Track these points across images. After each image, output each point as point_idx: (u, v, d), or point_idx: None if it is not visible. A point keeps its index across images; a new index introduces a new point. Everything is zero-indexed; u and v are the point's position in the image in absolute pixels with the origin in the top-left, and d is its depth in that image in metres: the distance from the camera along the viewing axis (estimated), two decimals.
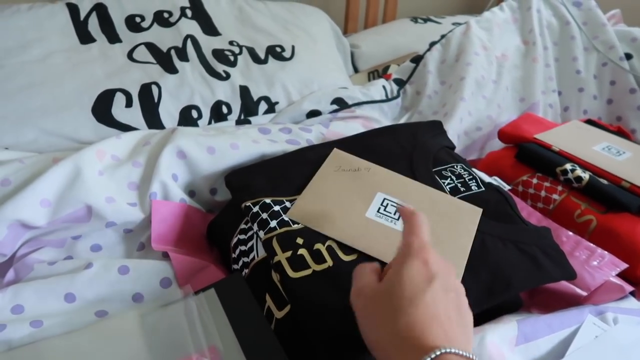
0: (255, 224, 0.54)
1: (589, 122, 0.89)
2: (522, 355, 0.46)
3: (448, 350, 0.33)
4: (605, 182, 0.70)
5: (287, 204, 0.56)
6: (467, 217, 0.56)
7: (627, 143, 0.79)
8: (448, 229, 0.54)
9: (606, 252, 0.60)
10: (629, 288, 0.57)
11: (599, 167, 0.72)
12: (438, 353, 0.32)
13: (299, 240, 0.51)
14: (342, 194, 0.58)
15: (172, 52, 0.86)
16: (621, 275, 0.60)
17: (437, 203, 0.57)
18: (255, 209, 0.55)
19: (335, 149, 0.65)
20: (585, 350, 0.46)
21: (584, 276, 0.58)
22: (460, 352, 0.33)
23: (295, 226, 0.53)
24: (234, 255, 0.57)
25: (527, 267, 0.52)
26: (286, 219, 0.53)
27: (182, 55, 0.85)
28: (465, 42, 1.01)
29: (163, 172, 0.61)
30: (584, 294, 0.56)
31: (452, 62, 1.00)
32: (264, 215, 0.54)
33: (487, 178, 0.64)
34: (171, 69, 0.83)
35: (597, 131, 0.83)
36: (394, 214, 0.55)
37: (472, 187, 0.62)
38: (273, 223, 0.53)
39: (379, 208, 0.56)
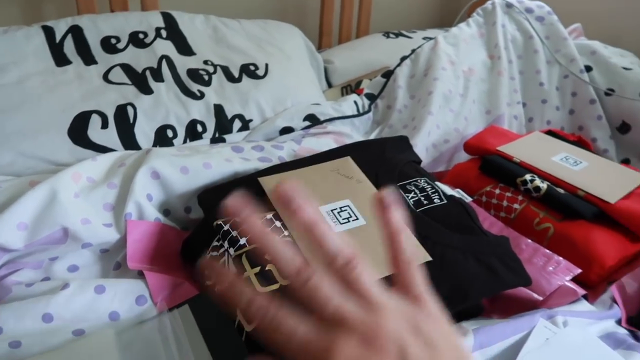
0: (226, 242, 0.56)
1: (550, 133, 0.93)
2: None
3: None
4: (562, 191, 0.73)
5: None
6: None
7: (585, 153, 0.83)
8: (384, 255, 0.56)
9: (562, 259, 0.64)
10: (581, 292, 0.60)
11: (556, 177, 0.76)
12: None
13: (268, 257, 0.54)
14: (318, 186, 0.63)
15: (147, 72, 0.88)
16: (576, 279, 0.63)
17: None
18: (226, 227, 0.58)
19: (349, 157, 0.70)
20: (536, 352, 0.49)
21: (541, 281, 0.61)
22: None
23: None
24: (206, 272, 0.59)
25: (484, 277, 0.55)
26: None
27: (157, 76, 0.88)
28: (433, 57, 1.05)
29: (138, 192, 0.63)
30: (540, 298, 0.60)
31: (421, 77, 1.03)
32: (234, 233, 0.56)
33: (449, 191, 0.67)
34: (146, 90, 0.85)
35: (556, 142, 0.87)
36: (343, 219, 0.59)
37: (435, 200, 0.65)
38: (242, 240, 0.55)
39: (335, 209, 0.60)
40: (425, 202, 0.64)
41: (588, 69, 1.06)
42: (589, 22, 1.24)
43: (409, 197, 0.65)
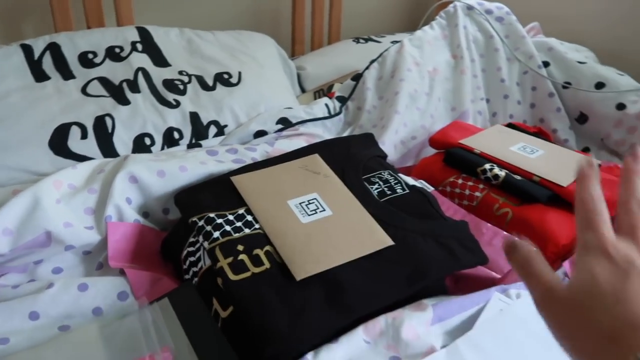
0: (201, 236, 0.60)
1: (510, 125, 0.98)
2: (436, 332, 0.53)
3: None
4: (519, 178, 0.78)
5: (230, 216, 0.62)
6: (374, 240, 0.60)
7: (542, 142, 0.89)
8: (350, 242, 0.59)
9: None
10: None
11: (514, 165, 0.81)
12: None
13: (240, 247, 0.58)
14: (287, 182, 0.68)
15: (124, 84, 0.92)
16: None
17: (356, 220, 0.63)
18: (201, 222, 0.61)
19: (317, 154, 0.74)
20: (491, 322, 0.54)
21: (499, 261, 0.66)
22: None
23: (236, 235, 0.59)
24: (184, 267, 0.63)
25: (443, 257, 0.60)
26: (228, 229, 0.60)
27: (134, 87, 0.91)
28: (399, 59, 1.10)
29: (117, 196, 0.67)
30: (499, 276, 0.64)
31: (388, 78, 1.08)
32: (208, 228, 0.60)
33: (411, 181, 0.72)
34: (123, 101, 0.88)
35: (515, 133, 0.92)
36: (310, 211, 0.63)
37: (398, 190, 0.69)
38: (216, 234, 0.59)
39: (303, 202, 0.64)
40: (388, 192, 0.69)
41: (546, 64, 1.12)
42: (546, 20, 1.31)
43: (373, 189, 0.69)
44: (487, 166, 0.80)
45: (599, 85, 1.06)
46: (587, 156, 0.40)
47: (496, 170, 0.79)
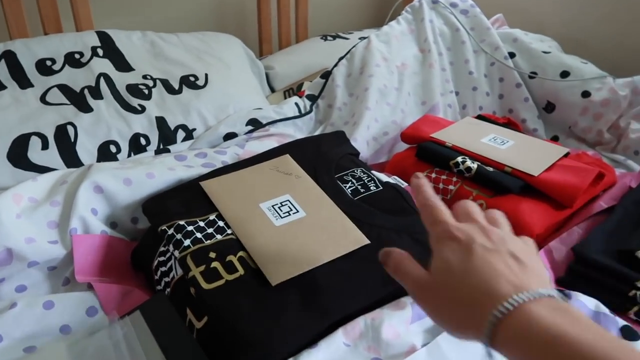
0: (171, 245, 0.58)
1: (480, 117, 0.99)
2: (416, 330, 0.52)
3: (517, 298, 0.32)
4: (491, 169, 0.79)
5: (200, 223, 0.60)
6: (349, 239, 0.59)
7: (512, 133, 0.89)
8: (325, 243, 0.58)
9: None
10: None
11: (485, 156, 0.81)
12: (511, 304, 0.32)
13: (212, 255, 0.56)
14: (259, 184, 0.66)
15: (86, 91, 0.88)
16: None
17: (330, 220, 0.62)
18: (170, 231, 0.59)
19: (287, 155, 0.72)
20: None
21: None
22: (532, 296, 0.32)
23: (208, 242, 0.58)
24: (156, 277, 0.61)
25: (419, 253, 0.59)
26: (199, 236, 0.58)
27: (96, 94, 0.88)
28: (367, 55, 1.09)
29: (81, 207, 0.64)
30: None
31: (357, 75, 1.08)
32: (179, 236, 0.58)
33: (385, 178, 0.71)
34: (85, 108, 0.85)
35: (486, 125, 0.92)
36: (284, 213, 0.62)
37: (371, 188, 0.69)
38: (187, 242, 0.57)
39: (276, 204, 0.63)
40: (362, 190, 0.68)
41: (512, 55, 1.13)
42: (509, 12, 1.32)
43: (347, 187, 0.68)
44: (459, 159, 0.80)
45: (564, 74, 1.07)
46: (416, 172, 0.48)
47: (468, 162, 0.79)
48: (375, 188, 0.69)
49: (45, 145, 0.79)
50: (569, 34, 1.29)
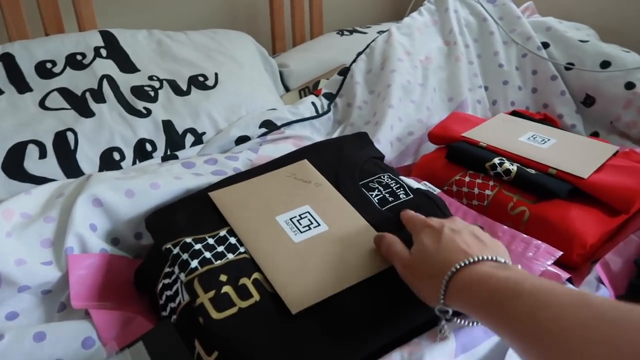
0: (177, 267, 0.51)
1: (514, 113, 0.90)
2: None
3: (470, 260, 0.41)
4: (533, 171, 0.70)
5: (210, 240, 0.53)
6: (378, 257, 0.52)
7: (552, 130, 0.81)
8: (351, 262, 0.51)
9: (541, 242, 0.60)
10: (565, 275, 0.57)
11: (525, 157, 0.73)
12: (465, 262, 0.41)
13: (223, 278, 0.49)
14: (274, 194, 0.59)
15: (87, 94, 0.82)
16: (558, 262, 0.60)
17: (356, 235, 0.55)
18: (176, 250, 0.52)
19: (306, 160, 0.65)
20: None
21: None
22: (482, 257, 0.41)
23: (218, 262, 0.50)
24: (161, 302, 0.54)
25: None
26: (208, 256, 0.51)
27: (98, 97, 0.82)
28: (388, 49, 1.01)
29: (78, 224, 0.57)
30: None
31: (378, 70, 1.00)
32: (185, 256, 0.51)
33: (415, 184, 0.64)
34: (87, 113, 0.79)
35: (522, 122, 0.84)
36: (303, 227, 0.54)
37: (401, 196, 0.61)
38: (194, 263, 0.50)
39: (294, 217, 0.56)
40: (390, 199, 0.60)
41: (545, 45, 1.05)
42: (538, 1, 1.23)
43: (373, 196, 0.61)
44: (496, 160, 0.72)
45: (605, 65, 0.98)
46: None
47: (507, 164, 0.71)
48: (405, 196, 0.61)
49: (43, 154, 0.73)
50: (604, 24, 1.19)
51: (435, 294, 0.42)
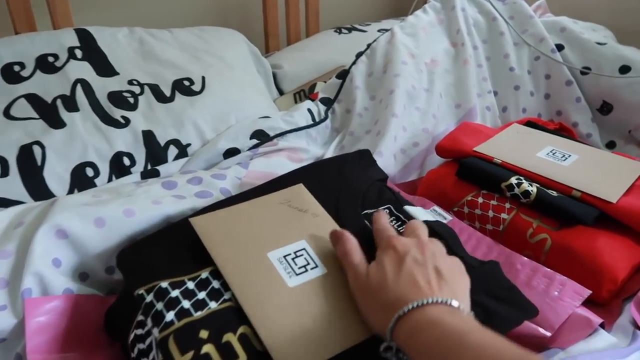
0: (149, 319, 0.43)
1: (529, 123, 0.83)
2: None
3: (422, 302, 0.37)
4: (554, 193, 0.63)
5: (189, 284, 0.46)
6: None
7: (572, 143, 0.74)
8: (352, 315, 0.44)
9: (566, 278, 0.54)
10: (598, 320, 0.50)
11: (546, 177, 0.66)
12: (416, 304, 0.37)
13: (203, 334, 0.41)
14: (266, 225, 0.51)
15: (59, 102, 0.74)
16: (585, 299, 0.53)
17: None
18: (149, 297, 0.45)
19: (301, 185, 0.57)
20: None
21: (546, 311, 0.51)
22: (435, 300, 0.37)
23: (199, 314, 0.43)
24: (133, 355, 0.46)
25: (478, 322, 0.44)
26: (186, 306, 0.43)
27: (71, 105, 0.74)
28: (391, 51, 0.93)
29: (38, 260, 0.50)
30: (549, 334, 0.49)
31: (380, 74, 0.92)
32: (159, 306, 0.43)
33: (422, 214, 0.56)
34: (57, 123, 0.71)
35: (538, 134, 0.77)
36: (299, 268, 0.47)
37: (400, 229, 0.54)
38: (170, 315, 0.42)
39: (289, 254, 0.48)
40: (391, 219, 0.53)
41: (559, 47, 0.97)
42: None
43: None
44: (514, 180, 0.65)
45: (624, 69, 0.91)
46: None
47: (525, 185, 0.64)
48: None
49: (5, 172, 0.65)
50: (621, 24, 1.12)
51: (383, 327, 0.39)
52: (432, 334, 0.35)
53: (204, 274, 0.47)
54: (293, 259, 0.48)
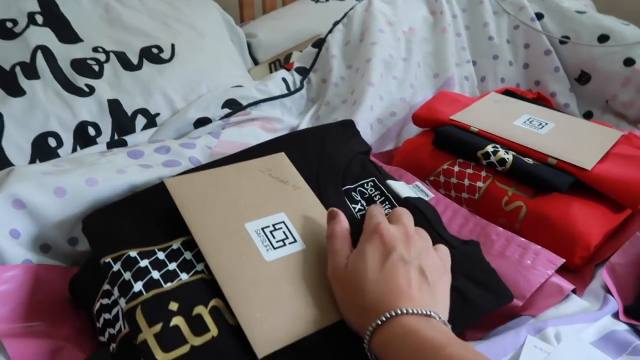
0: (116, 288, 0.42)
1: (507, 92, 0.82)
2: None
3: (398, 311, 0.36)
4: (530, 161, 0.62)
5: (160, 254, 0.44)
6: None
7: (549, 112, 0.73)
8: (328, 294, 0.43)
9: (540, 248, 0.53)
10: (569, 287, 0.50)
11: (522, 144, 0.65)
12: (392, 314, 0.36)
13: (173, 306, 0.40)
14: (244, 193, 0.49)
15: (18, 69, 0.70)
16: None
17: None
18: (117, 266, 0.43)
19: (283, 154, 0.55)
20: None
21: (519, 281, 0.50)
22: (412, 310, 0.36)
23: (168, 285, 0.41)
24: (98, 325, 0.45)
25: (454, 308, 0.43)
26: (155, 276, 0.42)
27: (31, 72, 0.70)
28: (368, 19, 0.91)
29: None
30: (520, 303, 0.49)
31: (357, 42, 0.90)
32: (127, 276, 0.42)
33: (404, 191, 0.55)
34: (16, 91, 0.67)
35: (516, 103, 0.76)
36: (277, 242, 0.45)
37: (386, 211, 0.52)
38: (138, 286, 0.41)
39: (267, 227, 0.46)
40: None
41: (539, 16, 0.96)
42: None
43: (356, 210, 0.52)
44: (490, 148, 0.64)
45: (603, 39, 0.90)
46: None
47: (501, 153, 0.63)
48: (391, 210, 0.52)
49: None
50: None
51: (359, 326, 0.38)
52: (406, 346, 0.34)
53: (175, 245, 0.45)
54: (271, 231, 0.46)
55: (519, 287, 0.49)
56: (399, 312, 0.36)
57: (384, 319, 0.36)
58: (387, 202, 0.53)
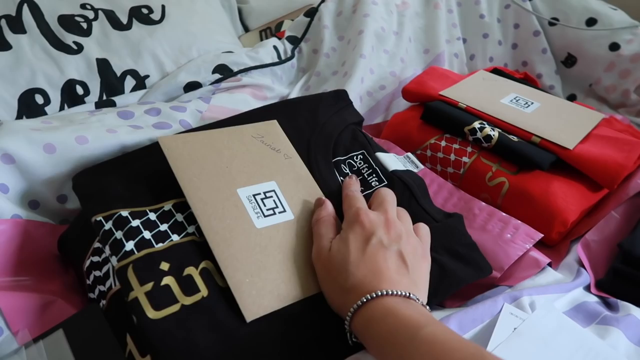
0: (107, 247, 0.42)
1: (496, 71, 0.83)
2: None
3: (379, 293, 0.37)
4: (515, 139, 0.64)
5: (151, 215, 0.44)
6: None
7: (535, 92, 0.74)
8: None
9: (520, 222, 0.55)
10: (545, 260, 0.52)
11: (507, 122, 0.66)
12: (373, 295, 0.37)
13: (164, 266, 0.40)
14: (237, 158, 0.49)
15: (3, 22, 0.68)
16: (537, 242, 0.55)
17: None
18: (108, 225, 0.43)
19: (275, 121, 0.55)
20: (505, 347, 0.41)
21: (498, 254, 0.52)
22: (392, 292, 0.37)
23: (160, 246, 0.42)
24: (88, 282, 0.46)
25: (433, 278, 0.44)
26: (147, 236, 0.42)
27: (17, 26, 0.68)
28: None
29: None
30: (498, 274, 0.51)
31: (349, 14, 0.89)
32: (118, 235, 0.42)
33: (393, 164, 0.56)
34: (2, 45, 0.66)
35: (504, 81, 0.77)
36: (267, 209, 0.46)
37: (373, 184, 0.54)
38: (129, 245, 0.41)
39: (258, 194, 0.47)
40: (361, 188, 0.52)
41: None
42: None
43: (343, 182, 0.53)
44: (477, 124, 0.65)
45: (590, 22, 0.92)
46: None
47: (488, 129, 0.64)
48: (377, 183, 0.53)
49: None
50: None
51: (340, 308, 0.40)
52: (385, 325, 0.35)
53: (167, 206, 0.46)
54: (262, 199, 0.47)
55: (498, 259, 0.51)
56: (380, 293, 0.37)
57: (364, 300, 0.37)
58: (374, 175, 0.54)
